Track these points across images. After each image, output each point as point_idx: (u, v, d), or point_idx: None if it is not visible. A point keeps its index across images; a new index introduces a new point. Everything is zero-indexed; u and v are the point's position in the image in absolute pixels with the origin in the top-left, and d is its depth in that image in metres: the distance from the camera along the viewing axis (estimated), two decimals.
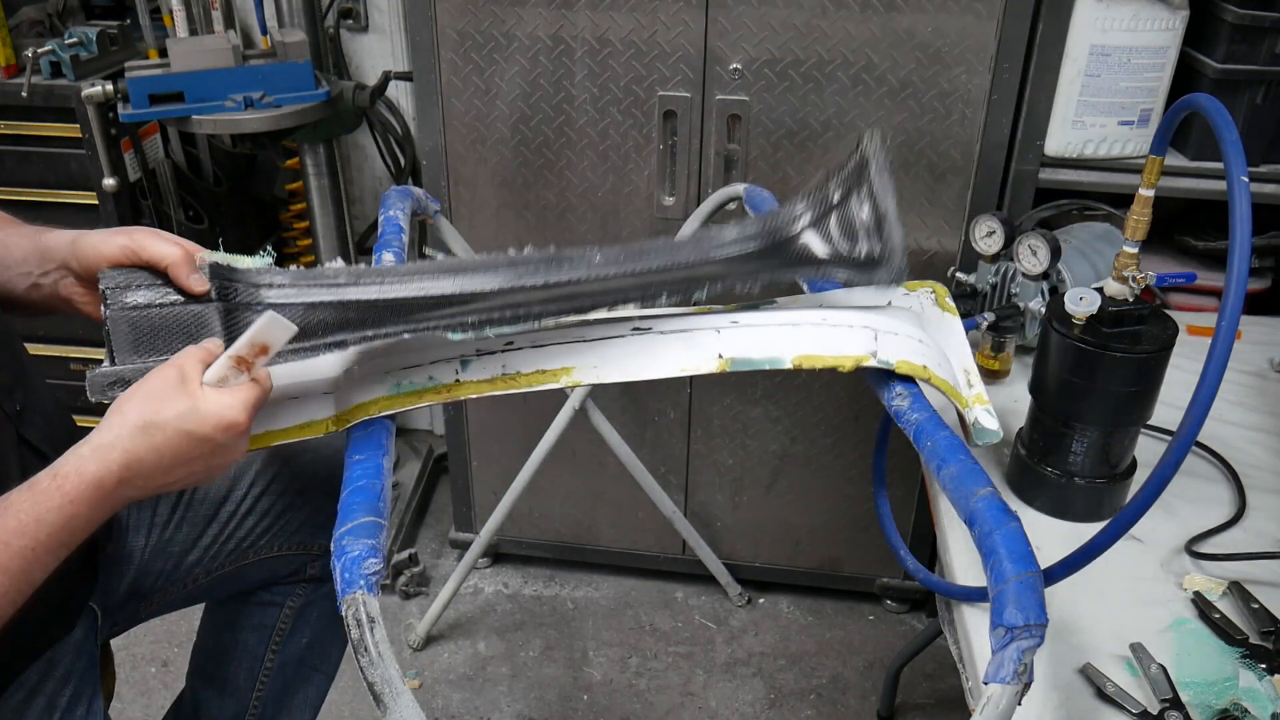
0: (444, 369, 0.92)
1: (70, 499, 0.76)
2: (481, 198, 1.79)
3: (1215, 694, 0.92)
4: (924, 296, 1.12)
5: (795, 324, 0.97)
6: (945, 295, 1.13)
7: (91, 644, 1.01)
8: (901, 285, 1.10)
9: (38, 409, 0.96)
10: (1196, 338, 1.46)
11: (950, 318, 1.10)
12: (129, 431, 0.78)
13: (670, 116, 1.67)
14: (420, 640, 2.03)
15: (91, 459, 0.77)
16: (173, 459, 0.79)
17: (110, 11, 2.21)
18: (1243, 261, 0.78)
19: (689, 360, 0.94)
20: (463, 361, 0.93)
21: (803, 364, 0.94)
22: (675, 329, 0.95)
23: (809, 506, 2.02)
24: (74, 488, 0.76)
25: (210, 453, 0.80)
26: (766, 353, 0.94)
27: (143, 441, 0.78)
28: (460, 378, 0.92)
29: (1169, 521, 1.14)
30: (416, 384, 0.92)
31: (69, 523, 0.76)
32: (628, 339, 0.95)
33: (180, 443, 0.78)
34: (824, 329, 0.97)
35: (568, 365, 0.93)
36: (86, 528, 0.78)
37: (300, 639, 1.28)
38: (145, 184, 1.99)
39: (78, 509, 0.76)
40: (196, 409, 0.78)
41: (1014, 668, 0.69)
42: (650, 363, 0.93)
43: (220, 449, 0.81)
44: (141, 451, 0.78)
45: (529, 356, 0.93)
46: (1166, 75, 1.58)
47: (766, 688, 1.96)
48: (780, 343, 0.95)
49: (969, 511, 0.81)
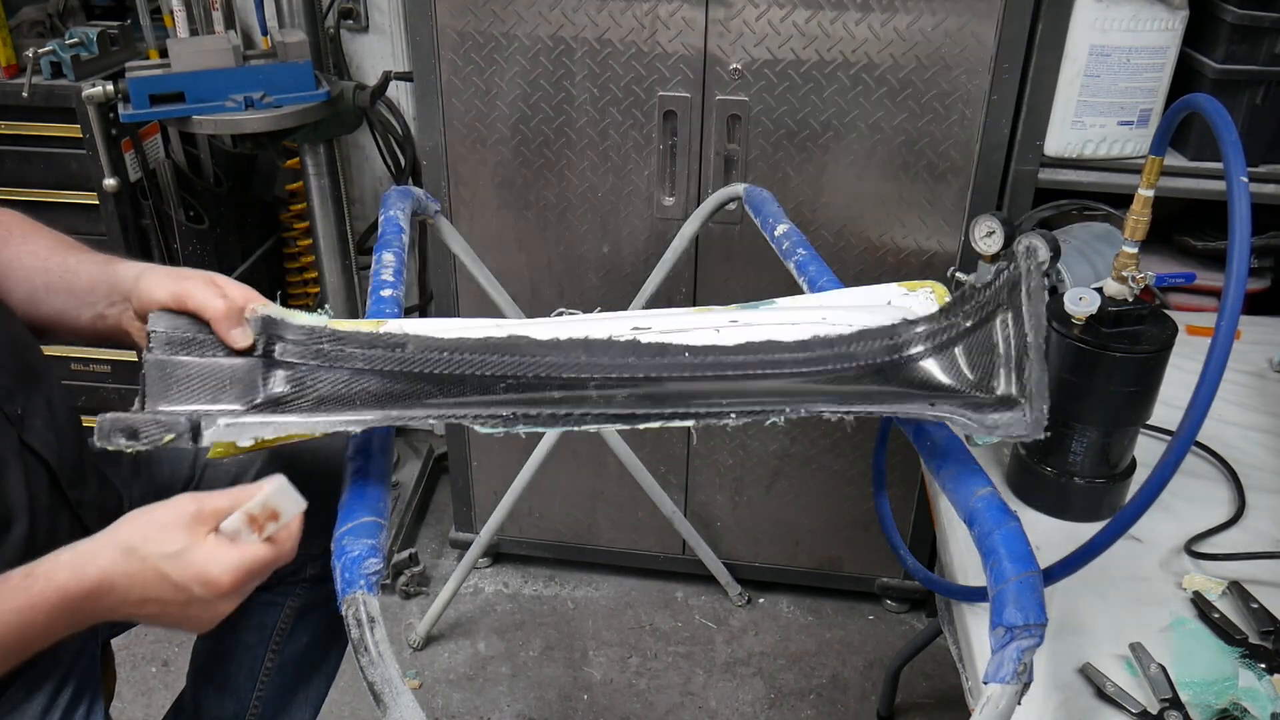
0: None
1: (33, 603, 0.73)
2: (481, 198, 1.79)
3: (1215, 694, 0.92)
4: (924, 296, 1.11)
5: (794, 324, 0.96)
6: (945, 296, 1.12)
7: (92, 643, 1.01)
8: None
9: (41, 414, 0.95)
10: (1196, 338, 1.46)
11: None
12: (113, 551, 0.75)
13: (670, 116, 1.67)
14: (420, 640, 2.03)
15: (66, 567, 0.75)
16: (143, 594, 0.75)
17: (110, 11, 2.21)
18: (1242, 261, 0.77)
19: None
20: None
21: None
22: (674, 328, 0.95)
23: (809, 506, 2.02)
24: (39, 592, 0.73)
25: (185, 602, 0.76)
26: None
27: (121, 565, 0.75)
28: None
29: (1169, 521, 1.14)
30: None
31: (26, 629, 0.74)
32: (629, 338, 0.95)
33: (154, 582, 0.75)
34: (823, 328, 0.96)
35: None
36: (44, 635, 0.75)
37: (300, 639, 1.27)
38: (146, 184, 1.99)
39: (35, 615, 0.73)
40: (184, 554, 0.75)
41: (1014, 667, 0.69)
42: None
43: (196, 603, 0.76)
44: (116, 576, 0.75)
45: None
46: (1166, 75, 1.58)
47: (766, 687, 1.96)
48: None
49: (969, 511, 0.82)
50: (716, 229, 1.75)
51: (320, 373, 0.83)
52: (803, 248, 1.28)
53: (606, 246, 1.81)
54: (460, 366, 0.84)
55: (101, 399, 2.12)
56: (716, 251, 1.79)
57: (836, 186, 1.69)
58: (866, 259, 1.74)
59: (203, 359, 0.83)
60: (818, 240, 1.68)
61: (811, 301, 1.08)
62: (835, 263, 1.55)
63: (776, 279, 1.77)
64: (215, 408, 0.80)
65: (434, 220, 1.48)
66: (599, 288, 1.84)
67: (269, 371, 0.83)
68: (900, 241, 1.72)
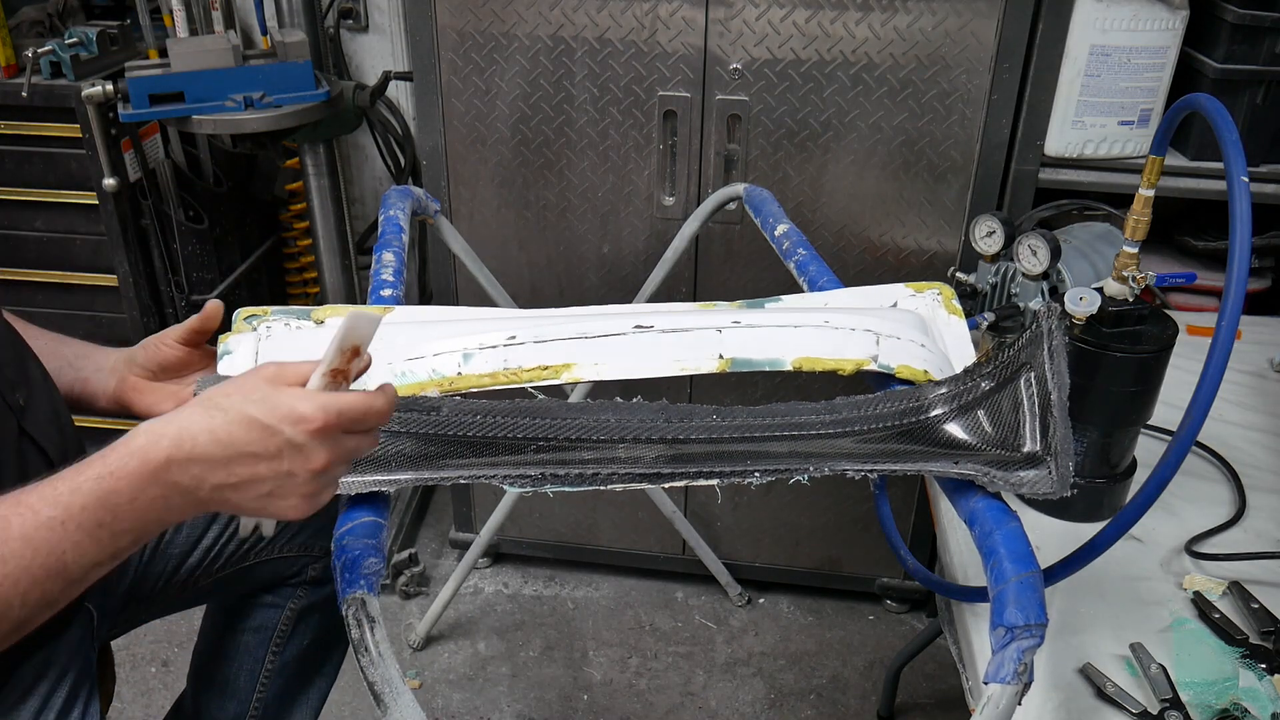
0: (447, 361, 0.93)
1: (111, 470, 0.68)
2: (481, 198, 1.79)
3: (1215, 694, 0.92)
4: (931, 298, 1.11)
5: (797, 325, 0.97)
6: (952, 298, 1.12)
7: (88, 645, 1.01)
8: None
9: (43, 409, 0.96)
10: (1196, 338, 1.46)
11: (956, 320, 1.10)
12: (190, 410, 0.70)
13: (670, 116, 1.67)
14: (420, 640, 2.03)
15: (143, 432, 0.69)
16: (229, 447, 0.69)
17: (110, 11, 2.21)
18: (1243, 261, 0.77)
19: (689, 359, 0.94)
20: (465, 355, 0.93)
21: (803, 366, 0.93)
22: (676, 327, 0.95)
23: (809, 506, 2.02)
24: (116, 459, 0.68)
25: (276, 452, 0.69)
26: (767, 354, 0.94)
27: (201, 420, 0.69)
28: (462, 370, 0.92)
29: (1169, 521, 1.14)
30: (418, 375, 0.92)
31: (107, 498, 0.67)
32: (629, 336, 0.95)
33: (240, 431, 0.69)
34: (826, 331, 0.97)
35: (569, 361, 0.93)
36: (130, 510, 0.69)
37: (301, 640, 1.27)
38: (145, 184, 1.99)
39: (118, 483, 0.67)
40: (269, 396, 0.69)
41: (1014, 667, 0.69)
42: (650, 361, 0.93)
43: (290, 449, 0.69)
44: (197, 430, 0.68)
45: (531, 352, 0.93)
46: (1166, 75, 1.58)
47: (766, 688, 1.96)
48: (781, 344, 0.95)
49: (969, 511, 0.82)
50: (716, 229, 1.75)
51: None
52: (803, 248, 1.28)
53: (606, 246, 1.81)
54: (493, 429, 0.85)
55: None
56: (716, 251, 1.79)
57: (836, 186, 1.69)
58: (866, 259, 1.74)
59: None
60: (818, 240, 1.68)
61: (816, 301, 1.08)
62: (835, 263, 1.55)
63: (777, 279, 1.77)
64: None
65: (434, 220, 1.48)
66: (599, 287, 1.84)
67: None
68: (900, 241, 1.72)
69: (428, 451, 0.85)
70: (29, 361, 0.98)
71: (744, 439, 0.87)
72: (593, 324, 0.96)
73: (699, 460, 0.84)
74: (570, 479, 0.82)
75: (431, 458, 0.84)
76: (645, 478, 0.83)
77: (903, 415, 0.89)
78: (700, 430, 0.86)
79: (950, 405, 0.89)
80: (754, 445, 0.87)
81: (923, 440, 0.89)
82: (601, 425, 0.86)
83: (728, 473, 0.83)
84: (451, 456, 0.85)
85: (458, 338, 0.95)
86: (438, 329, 0.98)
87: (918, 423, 0.89)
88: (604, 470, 0.82)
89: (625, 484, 0.83)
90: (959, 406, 0.89)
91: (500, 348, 0.94)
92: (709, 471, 0.83)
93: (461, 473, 0.83)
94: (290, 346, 0.97)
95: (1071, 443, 0.84)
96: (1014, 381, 0.88)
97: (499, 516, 1.96)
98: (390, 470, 0.83)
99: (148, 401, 1.03)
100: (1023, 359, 0.88)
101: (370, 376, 0.92)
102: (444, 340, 0.95)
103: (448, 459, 0.84)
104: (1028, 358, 0.88)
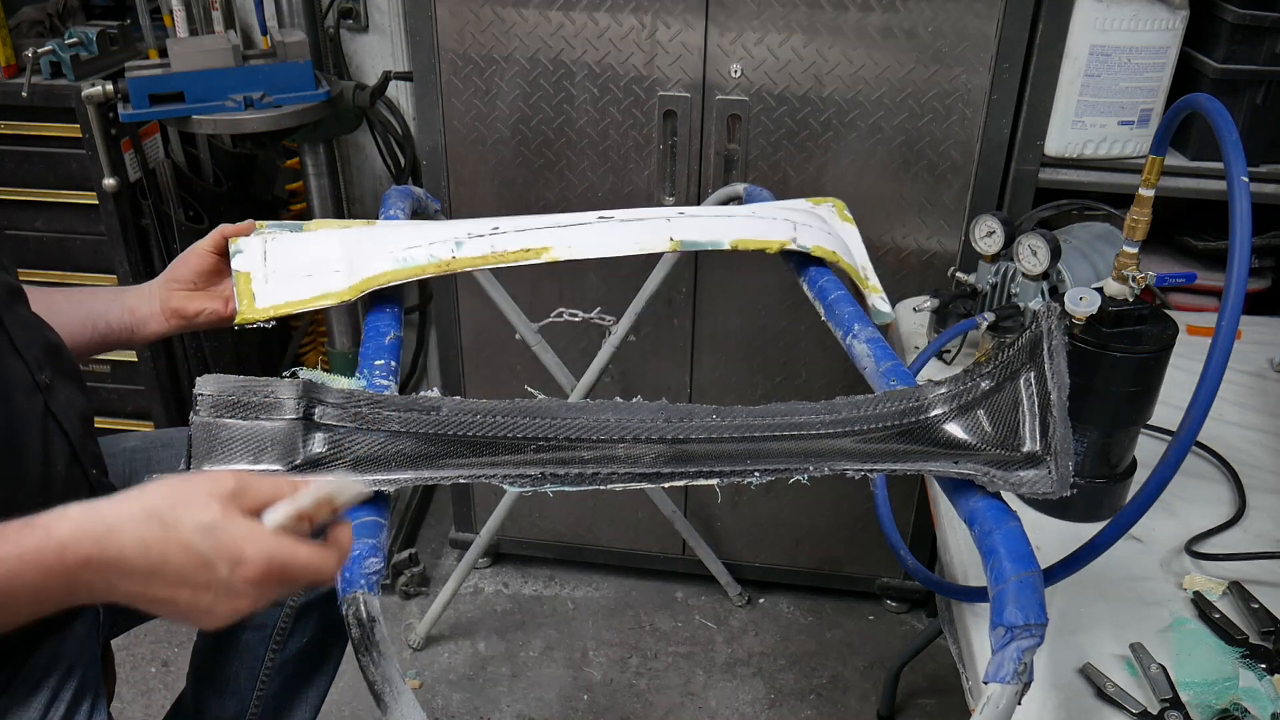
0: (441, 248, 1.06)
1: (23, 555, 0.62)
2: (481, 198, 1.79)
3: (1215, 694, 0.92)
4: (828, 209, 1.32)
5: (730, 215, 1.19)
6: (844, 209, 1.34)
7: (94, 641, 1.01)
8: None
9: (67, 392, 0.99)
10: (1196, 338, 1.46)
11: (850, 227, 1.30)
12: (129, 512, 0.65)
13: (670, 116, 1.67)
14: (420, 640, 2.03)
15: (70, 522, 0.64)
16: (156, 567, 0.64)
17: (110, 11, 2.21)
18: (1243, 261, 0.77)
19: (646, 240, 1.12)
20: (457, 242, 1.07)
21: (739, 245, 1.13)
22: (633, 218, 1.15)
23: (809, 506, 2.02)
24: (34, 545, 0.63)
25: (203, 585, 0.65)
26: (709, 236, 1.13)
27: (135, 527, 0.64)
28: (456, 254, 1.06)
29: (1169, 521, 1.14)
30: (418, 260, 1.04)
31: (8, 582, 0.62)
32: (594, 225, 1.13)
33: (174, 554, 0.64)
34: (754, 220, 1.18)
35: (546, 245, 1.08)
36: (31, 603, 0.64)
37: (301, 639, 1.27)
38: (145, 184, 1.99)
39: (25, 568, 0.62)
40: (218, 527, 0.64)
41: (1014, 667, 0.69)
42: (614, 242, 1.11)
43: (216, 587, 0.65)
44: (127, 538, 0.64)
45: (514, 239, 1.09)
46: (1166, 75, 1.58)
47: (766, 688, 1.96)
48: (719, 229, 1.14)
49: (969, 511, 0.82)
50: None
51: (358, 435, 0.85)
52: None
53: None
54: (493, 429, 0.86)
55: (102, 400, 2.13)
56: (716, 251, 1.78)
57: (836, 186, 1.69)
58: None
59: (246, 421, 0.85)
60: None
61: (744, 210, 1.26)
62: None
63: (776, 278, 1.78)
64: (257, 468, 0.83)
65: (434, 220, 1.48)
66: (599, 287, 1.84)
67: (309, 434, 0.86)
68: (900, 241, 1.72)
69: (428, 451, 0.86)
70: (61, 351, 1.01)
71: (744, 439, 0.88)
72: (564, 219, 1.15)
73: (699, 460, 0.85)
74: (570, 479, 0.83)
75: (431, 457, 0.85)
76: (645, 477, 0.84)
77: (903, 415, 0.90)
78: (700, 430, 0.87)
79: (950, 405, 0.90)
80: (754, 445, 0.88)
81: (923, 440, 0.89)
82: (601, 425, 0.86)
83: (728, 473, 0.84)
84: (451, 456, 0.85)
85: (449, 229, 1.09)
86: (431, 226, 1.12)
87: (918, 423, 0.90)
88: (604, 470, 0.84)
89: (625, 484, 0.84)
90: (959, 406, 0.90)
91: (487, 236, 1.08)
92: (709, 471, 0.84)
93: (461, 472, 0.84)
94: (295, 249, 1.09)
95: (1071, 443, 0.84)
96: (1014, 381, 0.89)
97: (499, 516, 1.96)
98: (390, 470, 0.84)
99: (197, 306, 1.12)
100: (1023, 359, 0.89)
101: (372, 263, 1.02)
102: (438, 231, 1.09)
103: (448, 459, 0.85)
104: (1028, 358, 0.89)
